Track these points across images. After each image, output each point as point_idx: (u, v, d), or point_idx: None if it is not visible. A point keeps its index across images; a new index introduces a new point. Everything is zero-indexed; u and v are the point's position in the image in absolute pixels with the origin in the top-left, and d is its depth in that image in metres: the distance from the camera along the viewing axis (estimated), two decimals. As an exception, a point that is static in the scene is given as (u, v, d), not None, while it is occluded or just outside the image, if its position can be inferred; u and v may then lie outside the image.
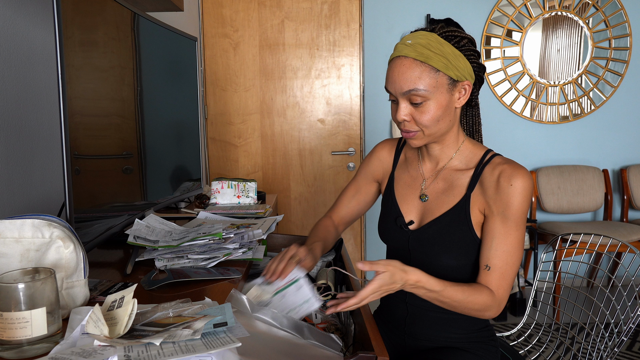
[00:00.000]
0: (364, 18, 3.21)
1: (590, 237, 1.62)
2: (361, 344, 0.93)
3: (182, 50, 1.72)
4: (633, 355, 2.52)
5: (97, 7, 1.13)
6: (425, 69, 1.02)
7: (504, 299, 1.06)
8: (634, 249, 1.48)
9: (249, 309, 0.98)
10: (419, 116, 1.06)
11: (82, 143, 1.06)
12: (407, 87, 1.04)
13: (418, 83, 1.03)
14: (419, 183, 1.19)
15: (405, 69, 1.04)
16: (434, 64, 1.02)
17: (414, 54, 1.03)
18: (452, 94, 1.06)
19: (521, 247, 1.07)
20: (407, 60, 1.04)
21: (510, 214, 1.05)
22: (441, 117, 1.06)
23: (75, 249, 0.88)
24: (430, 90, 1.03)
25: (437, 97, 1.04)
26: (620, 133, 3.43)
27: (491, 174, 1.08)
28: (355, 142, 3.24)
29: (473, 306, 1.04)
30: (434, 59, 1.02)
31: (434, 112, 1.05)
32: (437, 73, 1.03)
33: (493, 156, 1.12)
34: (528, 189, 1.05)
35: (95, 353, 0.67)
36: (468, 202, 1.10)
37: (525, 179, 1.04)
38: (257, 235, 1.32)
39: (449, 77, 1.04)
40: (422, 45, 1.03)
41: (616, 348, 1.33)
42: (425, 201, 1.17)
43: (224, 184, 1.97)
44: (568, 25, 3.29)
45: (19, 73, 1.25)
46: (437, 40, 1.03)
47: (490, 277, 1.06)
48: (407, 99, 1.06)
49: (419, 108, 1.05)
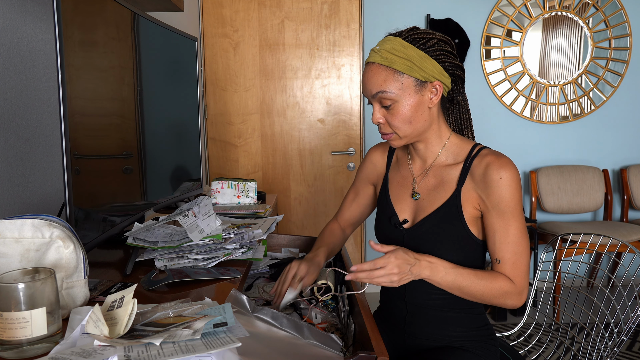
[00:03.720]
0: (364, 18, 3.21)
1: (590, 237, 1.62)
2: (361, 344, 0.93)
3: (182, 50, 1.72)
4: (633, 355, 2.52)
5: (97, 7, 1.13)
6: (389, 73, 1.07)
7: (524, 288, 1.08)
8: (634, 249, 1.48)
9: (249, 309, 0.98)
10: (391, 118, 1.10)
11: (82, 143, 1.06)
12: (374, 89, 1.09)
13: (384, 86, 1.08)
14: (410, 182, 1.22)
15: (372, 74, 1.09)
16: (397, 67, 1.06)
17: (380, 59, 1.08)
18: (422, 94, 1.09)
19: (525, 235, 1.08)
20: (374, 65, 1.09)
21: (504, 206, 1.07)
22: (413, 118, 1.10)
23: (75, 249, 0.88)
24: (396, 93, 1.07)
25: (405, 99, 1.08)
26: (620, 133, 3.43)
27: (479, 166, 1.10)
28: (355, 142, 3.24)
29: (491, 291, 1.06)
30: (397, 62, 1.06)
31: (404, 114, 1.09)
32: (401, 76, 1.07)
33: (481, 149, 1.14)
34: (516, 179, 1.07)
35: (95, 353, 0.67)
36: (459, 197, 1.11)
37: (512, 170, 1.07)
38: (257, 236, 1.32)
39: (415, 79, 1.08)
40: (386, 50, 1.08)
41: (616, 348, 1.34)
42: (417, 199, 1.19)
43: (224, 184, 1.97)
44: (568, 25, 3.29)
45: (20, 73, 1.25)
46: (400, 44, 1.07)
47: (503, 269, 1.08)
48: (378, 102, 1.11)
49: (390, 111, 1.10)
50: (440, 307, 1.16)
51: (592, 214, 3.49)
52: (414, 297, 1.18)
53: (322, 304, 1.21)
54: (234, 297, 0.99)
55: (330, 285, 1.21)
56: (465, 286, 1.06)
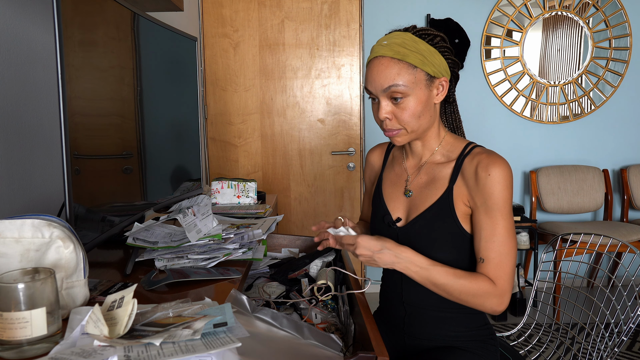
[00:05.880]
0: (364, 18, 3.21)
1: (590, 237, 1.62)
2: (361, 344, 0.93)
3: (182, 50, 1.72)
4: (633, 355, 2.52)
5: (97, 7, 1.13)
6: (403, 66, 1.06)
7: (506, 290, 1.05)
8: (634, 249, 1.48)
9: (249, 309, 0.98)
10: (400, 113, 1.09)
11: (82, 143, 1.05)
12: (387, 83, 1.07)
13: (397, 79, 1.06)
14: (404, 179, 1.22)
15: (383, 68, 1.07)
16: (411, 61, 1.06)
17: (391, 52, 1.07)
18: (431, 90, 1.10)
19: (512, 236, 1.06)
20: (384, 59, 1.08)
21: (492, 204, 1.05)
22: (422, 113, 1.09)
23: (75, 249, 0.88)
24: (409, 86, 1.07)
25: (416, 93, 1.08)
26: (620, 133, 3.43)
27: (470, 163, 1.10)
28: (355, 142, 3.24)
29: (469, 290, 1.03)
30: (410, 56, 1.06)
31: (414, 108, 1.08)
32: (414, 69, 1.07)
33: (474, 147, 1.14)
34: (506, 177, 1.05)
35: (95, 353, 0.67)
36: (451, 194, 1.11)
37: (502, 168, 1.05)
38: (257, 236, 1.32)
39: (426, 73, 1.08)
40: (397, 44, 1.07)
41: (616, 348, 1.33)
42: (409, 197, 1.19)
43: (224, 184, 1.97)
44: (568, 25, 3.29)
45: (19, 73, 1.25)
46: (411, 39, 1.07)
47: (486, 269, 1.06)
48: (388, 97, 1.09)
49: (399, 105, 1.08)
50: (438, 308, 1.16)
51: (592, 214, 3.49)
52: (411, 297, 1.18)
53: (322, 304, 1.21)
54: (234, 297, 0.99)
55: (330, 285, 1.21)
56: (441, 283, 1.04)
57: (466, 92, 3.32)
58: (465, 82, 3.31)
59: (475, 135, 3.33)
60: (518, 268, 3.09)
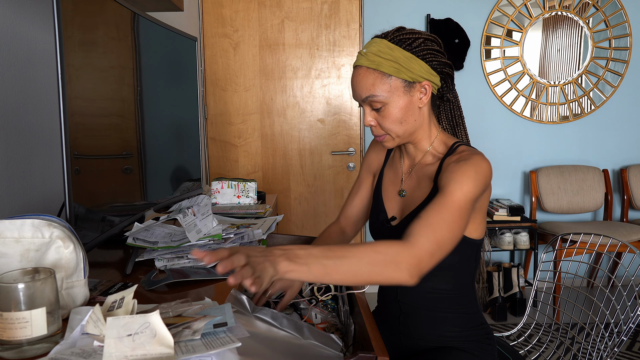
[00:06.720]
0: (364, 18, 3.21)
1: (590, 237, 1.62)
2: (361, 344, 0.93)
3: (182, 50, 1.72)
4: (633, 355, 2.52)
5: (97, 7, 1.13)
6: (377, 76, 1.07)
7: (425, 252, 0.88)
8: (634, 249, 1.48)
9: (249, 309, 0.98)
10: (382, 120, 1.11)
11: (82, 143, 1.05)
12: (364, 94, 1.09)
13: (373, 90, 1.07)
14: (399, 179, 1.23)
15: (360, 78, 1.09)
16: (384, 70, 1.06)
17: (367, 62, 1.07)
18: (411, 95, 1.09)
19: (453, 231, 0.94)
20: (362, 69, 1.09)
21: (448, 191, 0.97)
22: (404, 119, 1.10)
23: (75, 249, 0.88)
24: (386, 95, 1.07)
25: (394, 101, 1.08)
26: (620, 133, 3.43)
27: (450, 159, 1.09)
28: (355, 142, 3.24)
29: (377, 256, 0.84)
30: (384, 65, 1.06)
31: (395, 115, 1.09)
32: (389, 78, 1.07)
33: (459, 145, 1.13)
34: (479, 173, 1.00)
35: (95, 353, 0.67)
36: (436, 192, 1.11)
37: (475, 163, 1.01)
38: (257, 236, 1.32)
39: (402, 80, 1.07)
40: (373, 53, 1.07)
41: (616, 348, 1.33)
42: (403, 196, 1.20)
43: (224, 184, 1.97)
44: (568, 25, 3.29)
45: (19, 73, 1.25)
46: (387, 46, 1.07)
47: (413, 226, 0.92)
48: (369, 105, 1.11)
49: (380, 113, 1.10)
50: (433, 307, 1.16)
51: (592, 214, 3.49)
52: (406, 296, 1.18)
53: (322, 304, 1.21)
54: (234, 297, 0.99)
55: (330, 285, 1.21)
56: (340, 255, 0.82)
57: (466, 92, 3.32)
58: (465, 82, 3.31)
59: (475, 135, 3.33)
60: (518, 268, 3.09)
